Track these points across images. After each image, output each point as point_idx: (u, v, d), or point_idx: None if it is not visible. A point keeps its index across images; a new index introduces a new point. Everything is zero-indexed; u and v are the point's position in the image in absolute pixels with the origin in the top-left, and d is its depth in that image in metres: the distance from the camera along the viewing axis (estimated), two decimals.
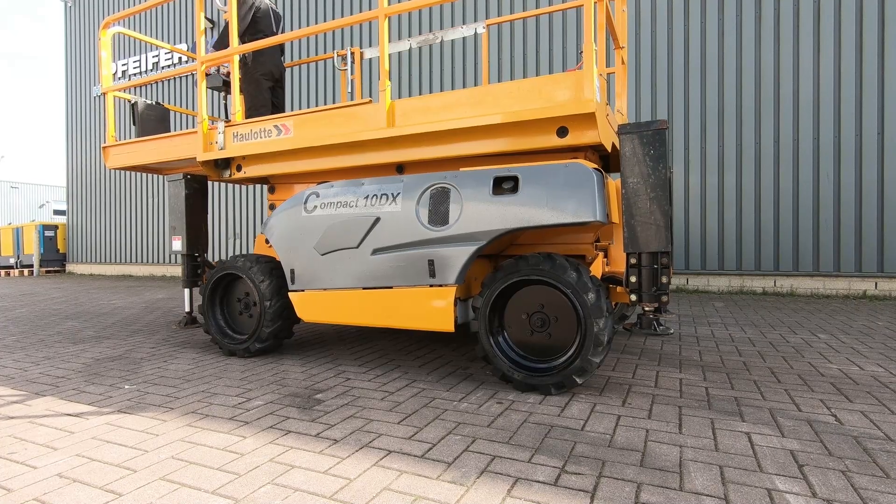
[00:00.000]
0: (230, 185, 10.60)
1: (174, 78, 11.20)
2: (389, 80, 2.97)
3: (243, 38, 4.17)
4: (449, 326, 2.69)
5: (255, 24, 4.25)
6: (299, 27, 9.79)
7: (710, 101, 6.80)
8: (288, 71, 9.79)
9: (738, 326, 4.23)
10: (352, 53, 4.86)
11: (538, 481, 1.60)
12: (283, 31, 4.62)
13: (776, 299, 6.00)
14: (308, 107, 9.65)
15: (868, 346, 3.44)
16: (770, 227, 6.50)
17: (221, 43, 4.32)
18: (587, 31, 2.44)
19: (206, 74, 4.13)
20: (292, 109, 9.69)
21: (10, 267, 13.47)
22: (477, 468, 1.70)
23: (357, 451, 1.84)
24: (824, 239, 6.26)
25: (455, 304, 2.69)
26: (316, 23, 9.61)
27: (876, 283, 6.05)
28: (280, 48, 4.58)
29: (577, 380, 2.40)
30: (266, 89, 4.38)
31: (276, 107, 4.63)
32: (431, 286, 2.72)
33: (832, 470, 1.66)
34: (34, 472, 1.70)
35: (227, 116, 4.84)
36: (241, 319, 3.48)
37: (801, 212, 6.36)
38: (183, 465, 1.73)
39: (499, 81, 7.90)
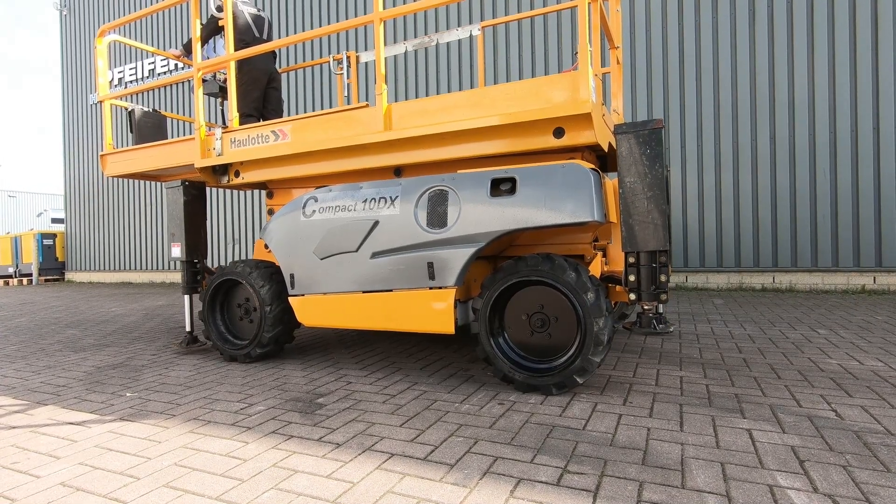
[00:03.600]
0: (228, 191, 10.61)
1: (171, 85, 11.22)
2: (386, 83, 2.98)
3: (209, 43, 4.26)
4: (449, 328, 2.70)
5: (236, 34, 4.26)
6: (294, 32, 9.80)
7: (705, 99, 6.82)
8: (283, 76, 9.80)
9: (737, 323, 4.24)
10: (347, 57, 4.88)
11: (541, 482, 1.61)
12: (270, 34, 4.60)
13: (775, 295, 6.01)
14: (304, 111, 9.66)
15: (867, 341, 3.45)
16: (768, 224, 6.52)
17: (188, 47, 4.36)
18: (581, 31, 2.45)
19: (203, 81, 4.13)
20: (289, 114, 9.70)
21: (9, 276, 13.45)
22: (479, 469, 1.70)
23: (360, 454, 1.84)
24: (822, 234, 6.28)
25: (455, 306, 2.70)
26: (311, 27, 9.63)
27: (874, 278, 6.07)
28: (270, 52, 4.57)
29: (578, 379, 2.40)
30: (255, 97, 4.38)
31: (271, 110, 4.63)
32: (431, 288, 2.73)
33: (833, 465, 1.67)
34: (37, 481, 1.70)
35: (224, 122, 4.84)
36: (242, 325, 3.48)
37: (799, 208, 6.38)
38: (186, 472, 1.73)
39: (494, 83, 7.93)
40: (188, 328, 3.73)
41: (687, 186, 6.93)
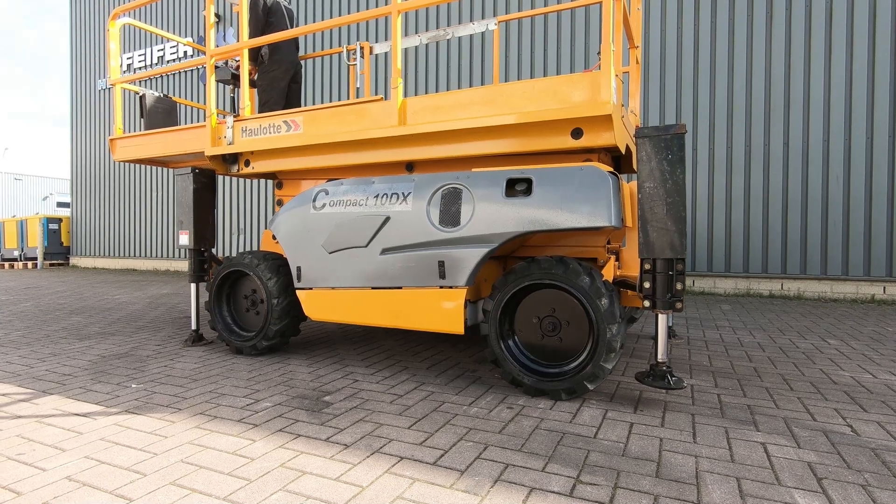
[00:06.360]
0: (237, 179, 10.58)
1: (182, 71, 11.16)
2: (401, 77, 2.93)
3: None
4: (458, 328, 2.67)
5: (269, 24, 4.22)
6: (306, 23, 9.73)
7: (718, 101, 6.74)
8: None
9: (746, 330, 4.20)
10: (361, 48, 4.82)
11: (553, 492, 1.58)
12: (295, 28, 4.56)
13: (783, 302, 5.96)
14: (314, 102, 9.60)
15: (879, 353, 3.41)
16: (778, 229, 6.45)
17: (254, 57, 4.28)
18: (605, 31, 2.40)
19: (215, 68, 4.09)
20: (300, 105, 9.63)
21: (14, 259, 13.48)
22: (491, 477, 1.67)
23: (368, 456, 1.81)
24: (833, 242, 6.22)
25: (465, 306, 2.66)
26: (323, 19, 9.55)
27: (884, 288, 6.00)
28: (295, 44, 4.53)
29: (589, 386, 2.37)
30: (281, 87, 4.34)
31: (292, 104, 4.58)
32: (441, 287, 2.69)
33: (852, 484, 1.64)
34: (43, 474, 1.68)
35: (235, 110, 4.80)
36: (248, 317, 3.46)
37: (810, 214, 6.31)
38: (193, 470, 1.71)
39: (507, 79, 7.86)
40: (193, 325, 3.69)
41: (697, 189, 6.86)
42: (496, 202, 2.53)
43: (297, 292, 3.17)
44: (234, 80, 4.45)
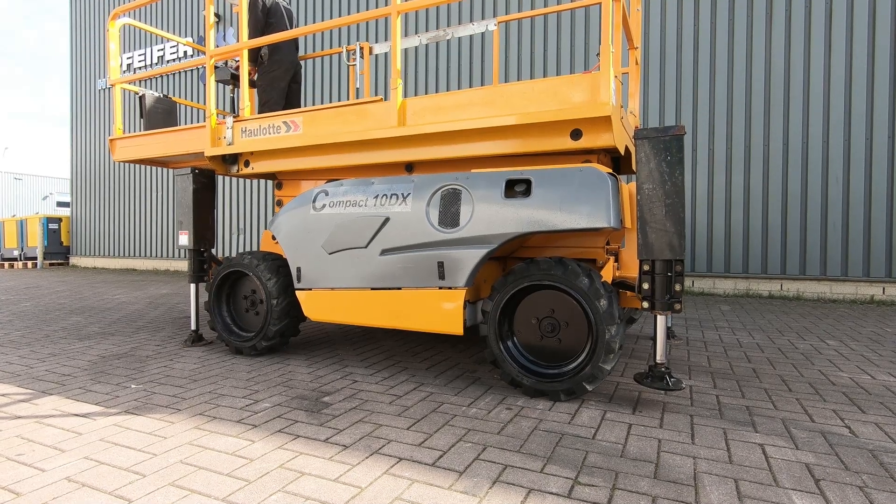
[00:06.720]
0: (237, 179, 10.58)
1: (182, 71, 11.16)
2: (401, 78, 2.94)
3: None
4: (458, 329, 2.67)
5: (269, 25, 4.23)
6: (306, 23, 9.73)
7: (718, 101, 6.74)
8: None
9: (745, 331, 4.20)
10: (361, 48, 4.82)
11: (551, 493, 1.58)
12: (293, 28, 4.57)
13: (783, 303, 5.96)
14: (314, 103, 9.60)
15: (878, 354, 3.41)
16: (777, 230, 6.45)
17: (253, 58, 4.30)
18: (605, 32, 2.40)
19: (215, 68, 4.09)
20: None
21: (14, 259, 13.48)
22: (489, 478, 1.68)
23: (367, 457, 1.82)
24: (832, 242, 6.22)
25: (464, 307, 2.67)
26: (323, 19, 9.55)
27: (884, 289, 6.01)
28: (295, 45, 4.53)
29: (588, 387, 2.37)
30: (281, 88, 4.34)
31: (292, 104, 4.59)
32: (441, 288, 2.70)
33: (849, 485, 1.64)
34: (42, 475, 1.69)
35: (235, 111, 4.80)
36: (248, 317, 3.46)
37: (810, 214, 6.32)
38: (192, 470, 1.71)
39: (507, 79, 7.86)
40: (193, 326, 3.70)
41: (697, 189, 6.86)
42: (495, 203, 2.53)
43: (297, 293, 3.18)
44: (234, 80, 4.46)
